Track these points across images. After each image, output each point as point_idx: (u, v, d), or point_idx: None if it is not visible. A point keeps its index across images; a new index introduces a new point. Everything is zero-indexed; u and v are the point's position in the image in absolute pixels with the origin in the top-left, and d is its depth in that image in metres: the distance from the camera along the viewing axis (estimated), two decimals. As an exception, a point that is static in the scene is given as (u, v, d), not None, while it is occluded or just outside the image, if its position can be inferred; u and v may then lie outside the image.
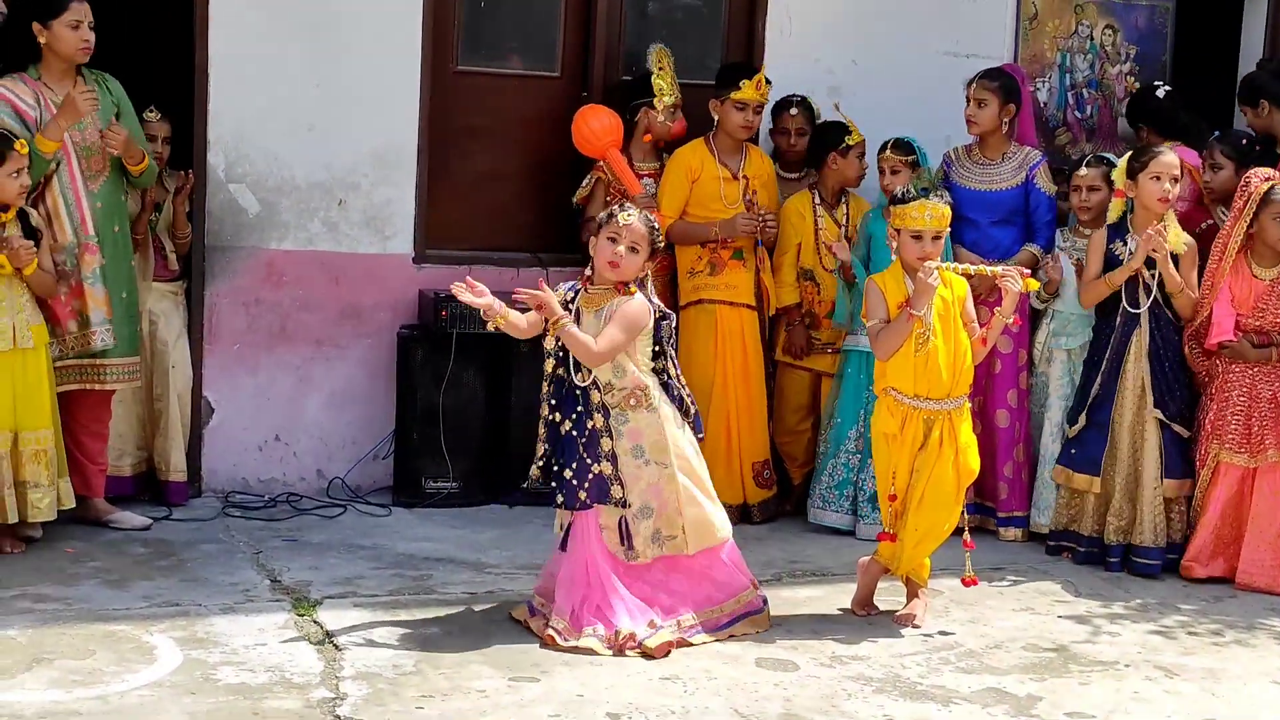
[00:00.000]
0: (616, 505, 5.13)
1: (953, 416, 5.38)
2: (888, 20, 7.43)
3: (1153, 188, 6.11)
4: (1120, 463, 6.24)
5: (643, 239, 5.13)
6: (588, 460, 5.12)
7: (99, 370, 6.02)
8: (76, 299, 5.91)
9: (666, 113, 6.84)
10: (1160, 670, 5.16)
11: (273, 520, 6.44)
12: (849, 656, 5.12)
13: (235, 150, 6.62)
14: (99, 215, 5.95)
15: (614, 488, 5.13)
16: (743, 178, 6.75)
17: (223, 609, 5.25)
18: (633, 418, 5.16)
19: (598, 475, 5.12)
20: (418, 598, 5.50)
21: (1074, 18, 7.80)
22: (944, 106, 7.14)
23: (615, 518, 5.15)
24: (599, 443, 5.12)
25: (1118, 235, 6.25)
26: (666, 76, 6.82)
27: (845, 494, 6.67)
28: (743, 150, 6.78)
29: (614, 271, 5.12)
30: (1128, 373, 6.22)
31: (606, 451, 5.12)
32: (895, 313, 5.35)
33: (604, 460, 5.12)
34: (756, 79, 6.68)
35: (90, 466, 6.15)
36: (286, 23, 6.62)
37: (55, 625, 5.00)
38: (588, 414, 5.13)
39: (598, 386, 5.14)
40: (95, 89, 5.90)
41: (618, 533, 5.16)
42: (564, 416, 5.16)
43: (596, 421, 5.13)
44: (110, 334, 5.95)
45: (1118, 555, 6.25)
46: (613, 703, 4.61)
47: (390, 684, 4.65)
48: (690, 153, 6.78)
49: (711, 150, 6.75)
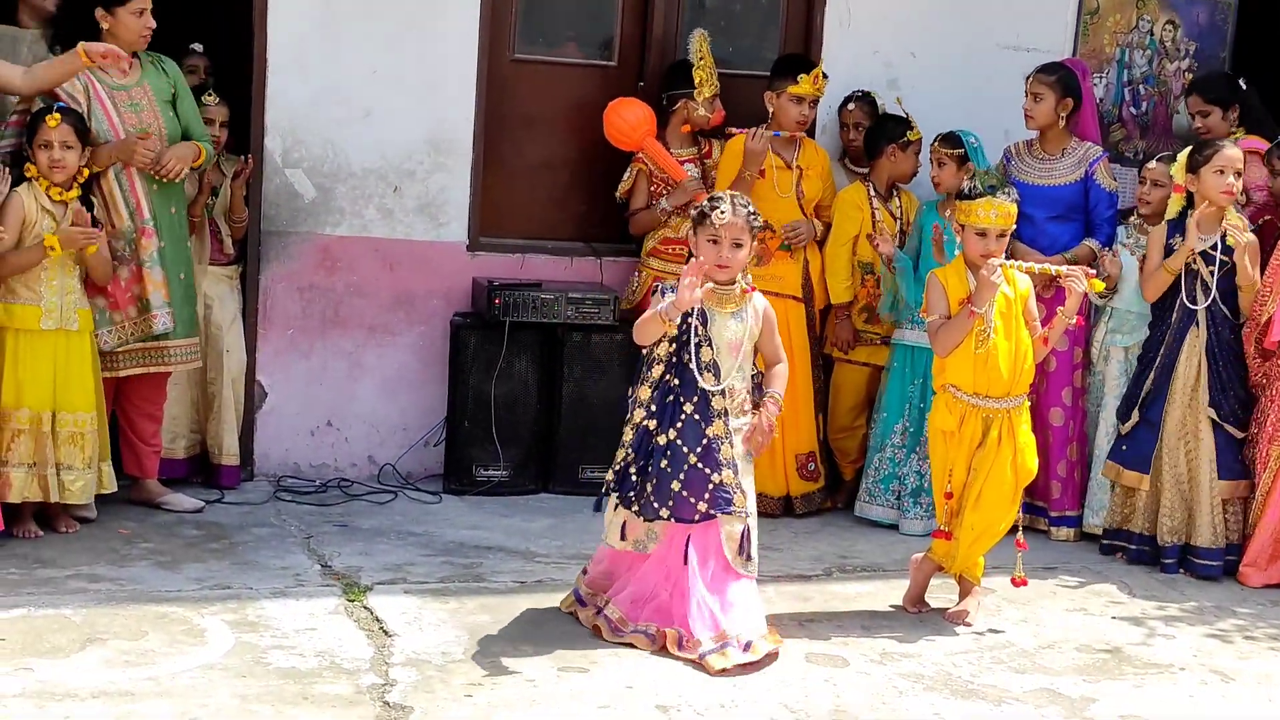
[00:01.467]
0: (741, 514, 5.01)
1: (1011, 415, 5.33)
2: (947, 13, 7.37)
3: (1216, 181, 6.03)
4: (1170, 461, 6.18)
5: (743, 230, 5.00)
6: (705, 470, 4.96)
7: (161, 352, 6.04)
8: (136, 284, 5.93)
9: (706, 104, 6.81)
10: (1215, 674, 5.10)
11: (324, 505, 6.45)
12: (900, 654, 5.08)
13: (292, 135, 6.64)
14: (155, 198, 5.97)
15: (737, 496, 5.00)
16: (796, 168, 6.72)
17: (273, 593, 5.27)
18: (743, 423, 5.07)
19: (719, 485, 4.97)
20: (467, 585, 5.50)
21: (1135, 12, 7.72)
22: (1003, 101, 7.08)
23: (739, 527, 5.02)
24: (719, 451, 4.98)
25: (1177, 230, 6.18)
26: (706, 67, 6.78)
27: (890, 488, 6.65)
28: (797, 140, 6.74)
29: (725, 273, 5.01)
30: (1179, 370, 6.15)
31: (728, 459, 4.99)
32: (956, 309, 5.30)
33: (725, 468, 4.99)
34: (814, 73, 6.63)
35: (144, 448, 6.19)
36: (345, 8, 6.62)
37: (108, 605, 5.03)
38: (705, 421, 4.98)
39: (724, 392, 5.01)
40: (155, 140, 5.89)
41: (738, 542, 5.03)
42: (664, 427, 4.99)
43: (717, 429, 4.98)
44: (170, 316, 5.97)
45: (1173, 556, 6.18)
46: (661, 695, 4.60)
47: (439, 671, 4.65)
48: (740, 143, 6.74)
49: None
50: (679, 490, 4.97)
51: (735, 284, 5.05)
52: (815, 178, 6.77)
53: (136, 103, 5.93)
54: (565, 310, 6.69)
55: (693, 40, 6.85)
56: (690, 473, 4.97)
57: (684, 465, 4.97)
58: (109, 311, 5.90)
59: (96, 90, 5.87)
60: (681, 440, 4.98)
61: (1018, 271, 5.36)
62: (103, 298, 5.89)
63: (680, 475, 4.97)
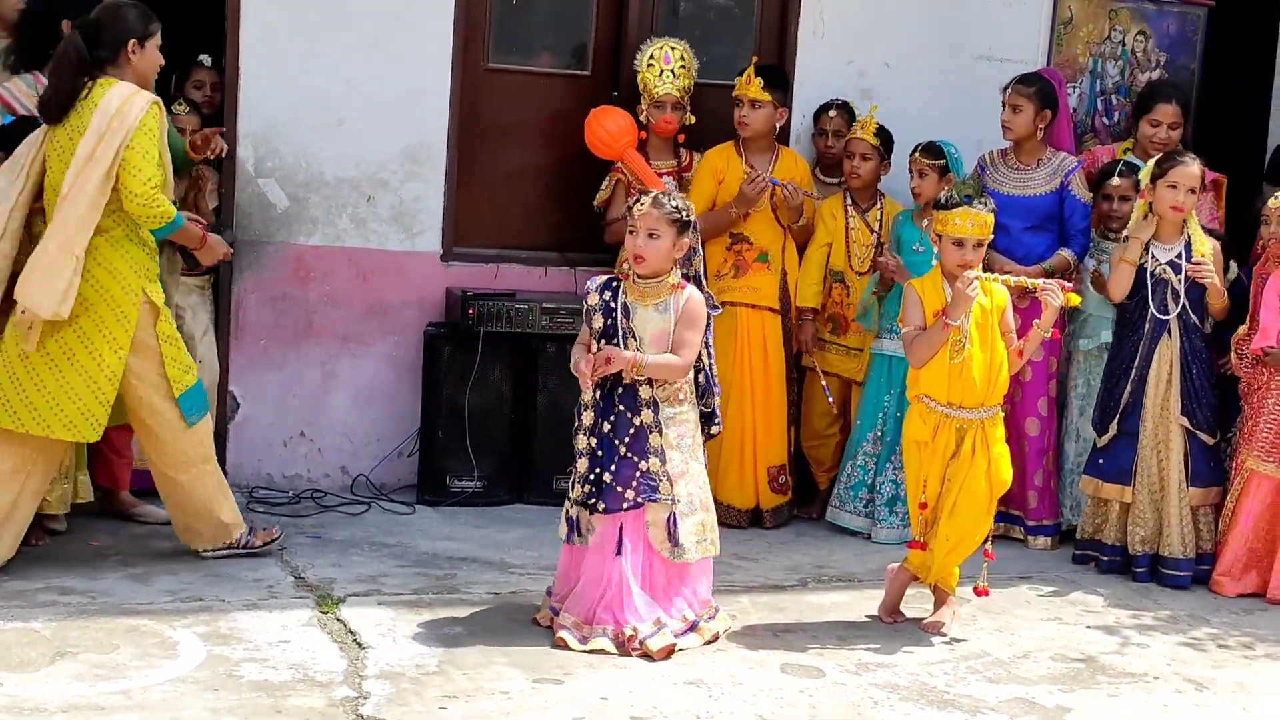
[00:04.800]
0: (666, 502, 5.08)
1: (985, 426, 5.34)
2: (921, 23, 7.39)
3: (1167, 195, 6.06)
4: (1144, 470, 6.19)
5: (659, 221, 5.05)
6: (632, 458, 5.06)
7: None
8: None
9: (650, 110, 6.79)
10: (1190, 683, 5.11)
11: (297, 516, 6.42)
12: (876, 664, 5.08)
13: (265, 145, 6.61)
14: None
15: (663, 484, 5.07)
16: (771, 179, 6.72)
17: (246, 605, 5.23)
18: (677, 412, 5.13)
19: (645, 473, 5.06)
20: (441, 597, 5.48)
21: (1107, 23, 7.74)
22: (977, 110, 7.11)
23: (664, 514, 5.10)
24: (646, 439, 5.06)
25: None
26: (652, 71, 6.77)
27: (860, 496, 6.66)
28: (774, 151, 6.74)
29: (642, 265, 5.08)
30: (1151, 379, 6.17)
31: (655, 447, 5.07)
32: (932, 320, 5.31)
33: (652, 456, 5.06)
34: (745, 73, 6.63)
35: (117, 460, 6.15)
36: (318, 18, 6.60)
37: (79, 618, 4.99)
38: (632, 411, 5.07)
39: (650, 382, 5.09)
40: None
41: (665, 529, 5.10)
42: (599, 421, 5.09)
43: (645, 418, 5.07)
44: None
45: (1144, 565, 6.20)
46: (637, 706, 4.58)
47: (413, 684, 4.63)
48: (718, 154, 6.76)
49: (739, 151, 6.73)
50: (610, 482, 5.06)
51: (661, 278, 5.09)
52: None
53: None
54: (539, 320, 6.69)
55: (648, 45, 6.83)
56: (620, 463, 5.06)
57: (614, 456, 5.06)
58: None
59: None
60: (613, 432, 5.07)
61: (994, 283, 5.36)
62: None
63: (611, 467, 5.05)
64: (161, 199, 5.35)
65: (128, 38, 5.46)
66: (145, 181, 5.30)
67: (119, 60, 5.48)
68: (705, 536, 5.20)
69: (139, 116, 5.31)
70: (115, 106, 5.31)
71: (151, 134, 5.35)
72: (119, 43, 5.45)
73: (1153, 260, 6.13)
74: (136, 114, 5.32)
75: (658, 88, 6.73)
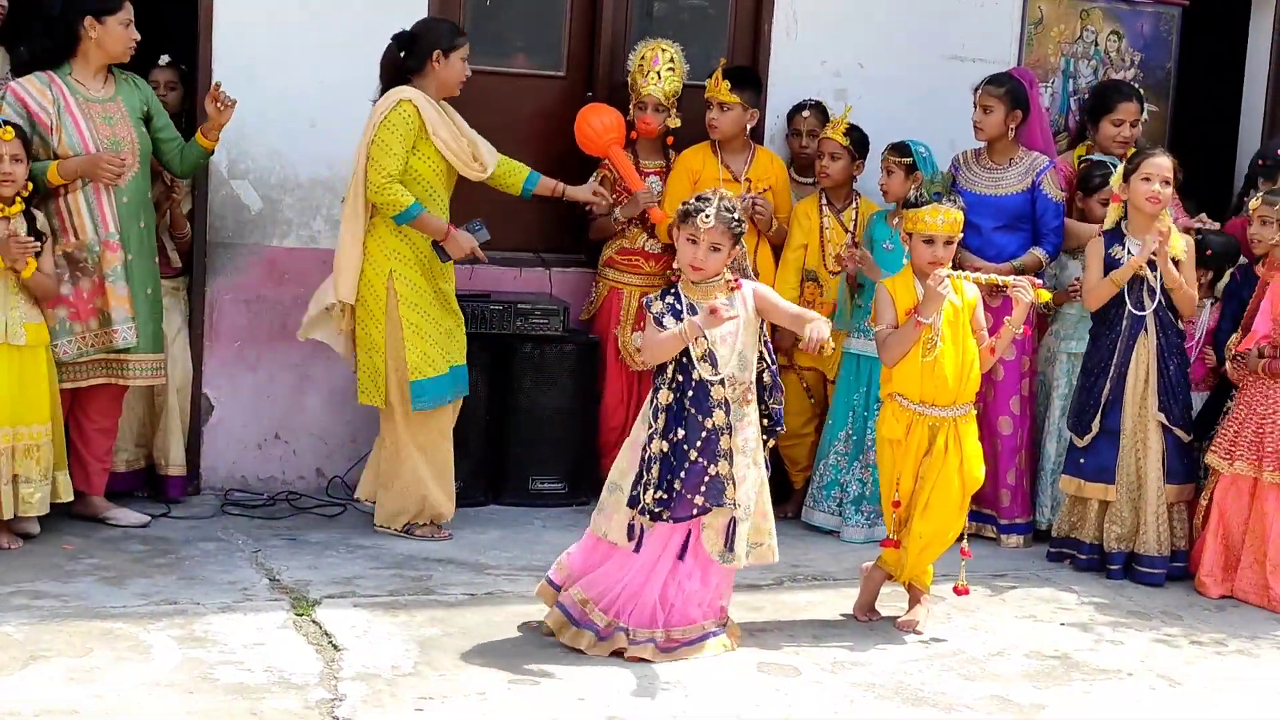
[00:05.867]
0: (729, 506, 4.99)
1: (958, 424, 5.35)
2: (894, 24, 7.41)
3: (1142, 188, 6.09)
4: (1123, 468, 6.22)
5: (723, 235, 4.98)
6: (702, 462, 4.94)
7: (122, 365, 6.00)
8: (98, 296, 5.90)
9: (635, 110, 6.80)
10: (1163, 679, 5.14)
11: (272, 519, 6.40)
12: (851, 663, 5.09)
13: (238, 147, 6.59)
14: (124, 211, 5.94)
15: (729, 488, 4.98)
16: (745, 180, 6.73)
17: (221, 608, 5.22)
18: (745, 414, 5.05)
19: (715, 476, 4.95)
20: (417, 598, 5.47)
21: (1080, 23, 7.78)
22: (949, 110, 7.14)
23: (725, 519, 5.01)
24: (718, 442, 4.96)
25: (1115, 240, 6.22)
26: (641, 72, 6.78)
27: (833, 494, 6.68)
28: (749, 152, 6.75)
29: (700, 274, 5.02)
30: (1129, 376, 6.20)
31: (725, 450, 4.97)
32: (904, 318, 5.32)
33: (722, 459, 4.96)
34: (714, 75, 6.65)
35: (93, 464, 6.13)
36: (291, 19, 6.59)
37: (52, 622, 4.97)
38: (703, 413, 4.95)
39: (724, 381, 5.00)
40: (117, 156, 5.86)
41: (723, 534, 5.01)
42: (673, 427, 4.95)
43: (717, 419, 4.96)
44: (133, 332, 5.93)
45: (1119, 562, 6.22)
46: (613, 706, 4.58)
47: (389, 685, 4.62)
48: (694, 154, 6.77)
49: (714, 152, 6.73)
50: (680, 490, 4.93)
51: (717, 278, 5.04)
52: (769, 194, 6.76)
53: (110, 116, 5.92)
54: (514, 321, 6.68)
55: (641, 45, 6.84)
56: (690, 468, 4.94)
57: (685, 462, 4.94)
58: (69, 322, 5.86)
59: (68, 103, 5.84)
60: (685, 440, 4.95)
61: (965, 281, 5.38)
62: (65, 307, 5.85)
63: (681, 474, 4.94)
64: (394, 188, 5.90)
65: (434, 49, 5.96)
66: (379, 171, 5.89)
67: (424, 70, 5.98)
68: (763, 542, 5.13)
69: (384, 113, 5.94)
70: (377, 109, 5.99)
71: (394, 129, 5.91)
72: (426, 54, 6.01)
73: (1125, 254, 6.15)
74: (382, 111, 5.95)
75: (642, 88, 6.74)
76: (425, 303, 6.08)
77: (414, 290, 6.06)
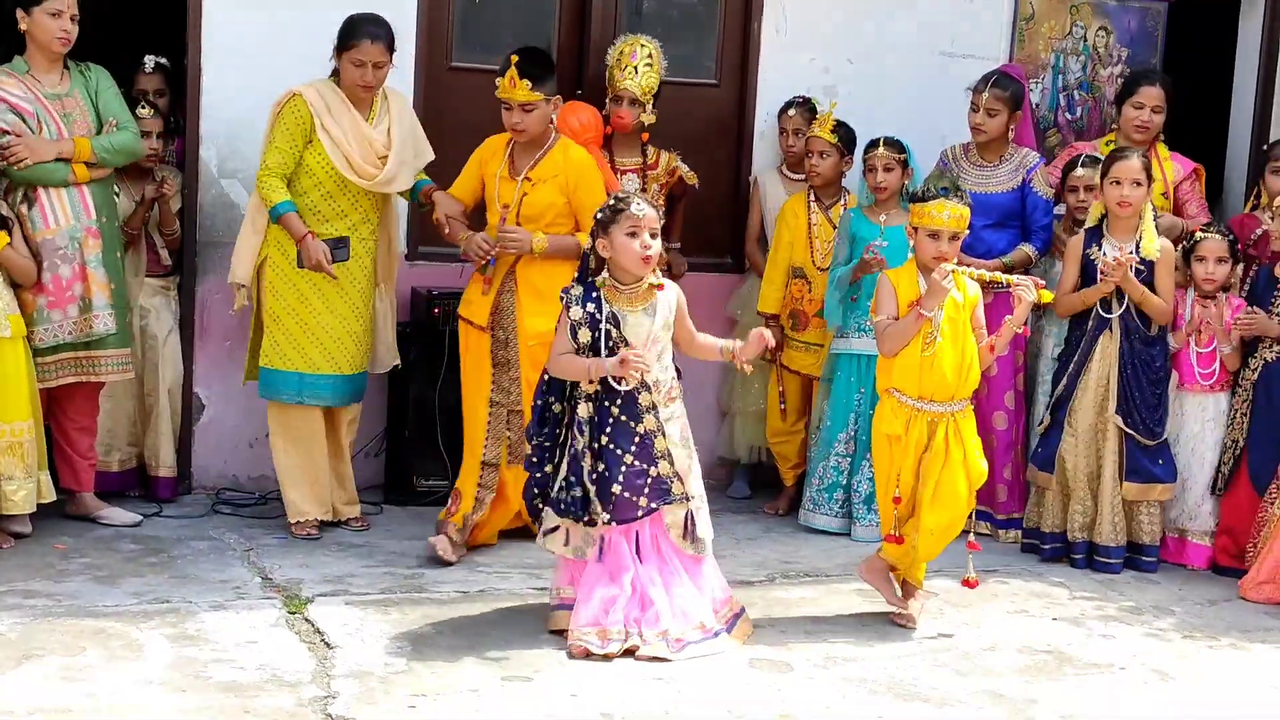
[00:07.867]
0: (680, 500, 5.07)
1: (957, 419, 5.35)
2: (884, 20, 7.42)
3: (1110, 192, 6.11)
4: (1082, 460, 6.25)
5: (655, 222, 5.04)
6: (640, 465, 5.00)
7: (93, 362, 5.98)
8: (79, 282, 5.88)
9: (610, 104, 6.76)
10: (1155, 673, 5.15)
11: (263, 517, 6.40)
12: (844, 658, 5.10)
13: (228, 146, 6.58)
14: (94, 202, 5.92)
15: (674, 484, 5.05)
16: (525, 180, 5.90)
17: (213, 606, 5.22)
18: (673, 410, 5.12)
19: (657, 478, 5.02)
20: (409, 596, 5.47)
21: (1069, 19, 7.79)
22: (940, 106, 7.15)
23: (682, 513, 5.09)
24: (653, 445, 5.03)
25: (1094, 240, 6.23)
26: (619, 67, 6.76)
27: (835, 497, 6.65)
28: (544, 144, 5.92)
29: (649, 265, 5.03)
30: (1090, 373, 6.23)
31: (662, 451, 5.04)
32: (905, 310, 5.32)
33: (661, 460, 5.04)
34: (509, 75, 5.77)
35: (80, 461, 6.13)
36: (281, 17, 6.58)
37: (45, 621, 4.96)
38: (634, 419, 5.00)
39: (647, 388, 5.03)
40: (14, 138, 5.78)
41: (682, 528, 5.10)
42: (597, 435, 4.99)
43: (647, 424, 5.02)
44: (112, 319, 5.93)
45: (1081, 551, 6.29)
46: (605, 703, 4.58)
47: (382, 682, 4.62)
48: (488, 143, 6.07)
49: (507, 142, 6.00)
50: (620, 492, 4.99)
51: (642, 281, 5.06)
52: (554, 190, 5.86)
53: (69, 113, 5.88)
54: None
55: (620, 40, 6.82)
56: (628, 472, 4.99)
57: (620, 467, 4.99)
58: (48, 310, 5.85)
59: (37, 95, 5.83)
60: (614, 444, 5.00)
61: (969, 278, 5.38)
62: (44, 295, 5.83)
63: (619, 478, 4.99)
64: (268, 182, 5.94)
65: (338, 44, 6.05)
66: (261, 163, 5.99)
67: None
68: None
69: (275, 105, 6.02)
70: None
71: (279, 121, 5.96)
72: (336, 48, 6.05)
73: (1103, 259, 6.16)
74: (274, 103, 6.03)
75: (619, 82, 6.70)
76: (291, 296, 6.02)
77: (282, 280, 6.02)
